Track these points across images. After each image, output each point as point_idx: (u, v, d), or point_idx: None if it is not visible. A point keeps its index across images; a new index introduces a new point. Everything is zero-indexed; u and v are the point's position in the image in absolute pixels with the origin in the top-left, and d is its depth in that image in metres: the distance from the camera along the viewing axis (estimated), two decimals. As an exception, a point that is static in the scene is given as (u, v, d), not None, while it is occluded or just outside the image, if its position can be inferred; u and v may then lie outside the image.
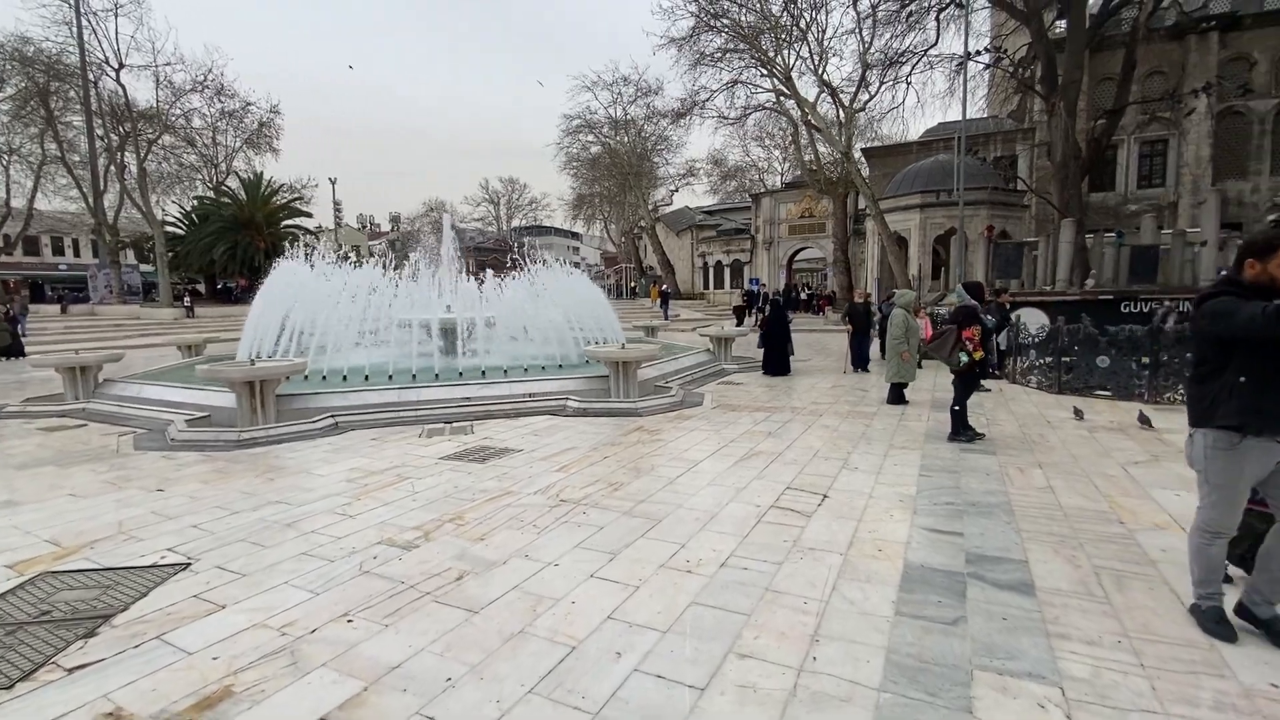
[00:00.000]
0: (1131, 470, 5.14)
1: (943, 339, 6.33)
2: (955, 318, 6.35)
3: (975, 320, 6.19)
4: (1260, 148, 27.80)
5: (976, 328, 6.15)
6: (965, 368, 6.18)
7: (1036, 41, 18.72)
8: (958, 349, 6.17)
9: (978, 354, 6.14)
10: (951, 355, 6.22)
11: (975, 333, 6.13)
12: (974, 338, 6.12)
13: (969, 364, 6.16)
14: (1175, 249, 15.77)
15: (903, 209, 24.81)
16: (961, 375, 6.32)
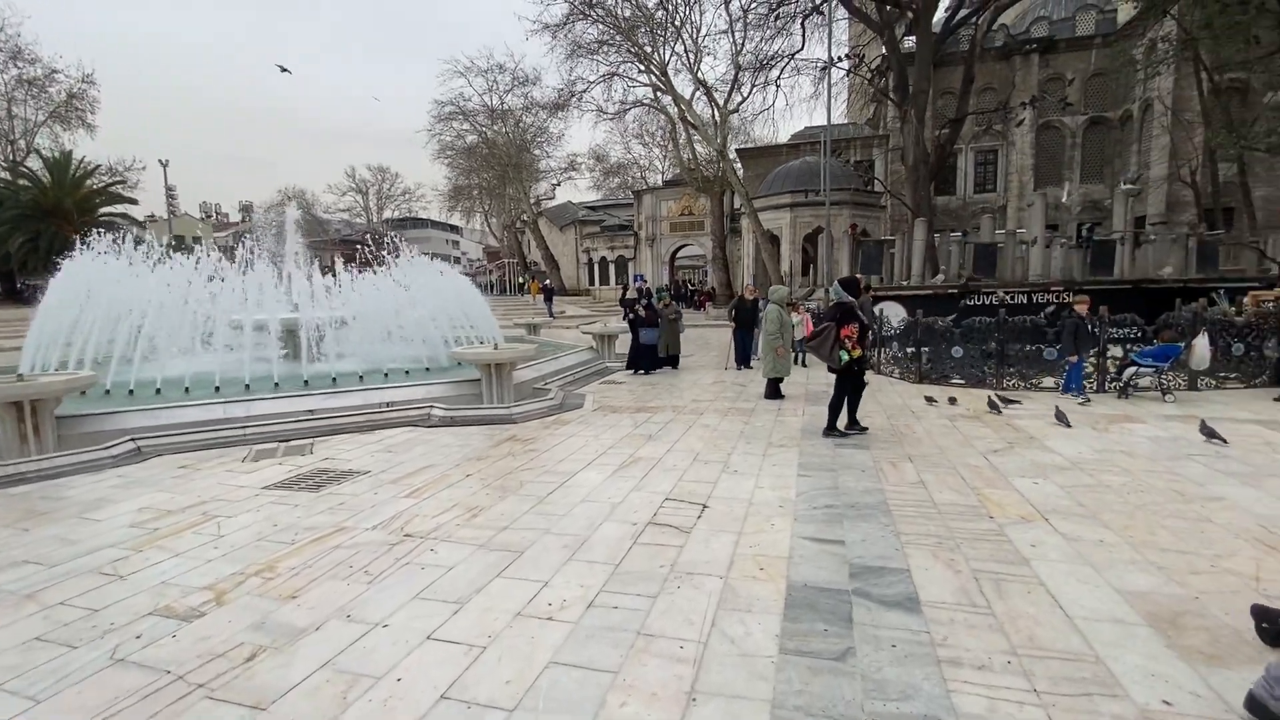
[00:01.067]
0: (992, 459, 5.30)
1: (822, 337, 6.17)
2: (832, 315, 6.24)
3: (852, 317, 6.06)
4: (1072, 158, 31.92)
5: (854, 325, 6.00)
6: (845, 367, 6.07)
7: (889, 52, 20.05)
8: (837, 347, 6.04)
9: (856, 352, 6.01)
10: (832, 354, 6.07)
11: (853, 330, 5.98)
12: (852, 335, 5.97)
13: (848, 363, 6.05)
14: (1009, 247, 17.50)
15: (774, 208, 25.79)
16: (841, 374, 6.20)
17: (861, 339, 6.15)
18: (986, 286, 14.00)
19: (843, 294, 6.23)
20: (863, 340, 6.18)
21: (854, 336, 6.00)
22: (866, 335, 6.21)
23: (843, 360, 6.01)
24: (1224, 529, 3.67)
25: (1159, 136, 28.31)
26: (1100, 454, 5.36)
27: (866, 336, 6.23)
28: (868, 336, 6.27)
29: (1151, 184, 28.80)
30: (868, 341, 6.35)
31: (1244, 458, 5.14)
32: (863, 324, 6.16)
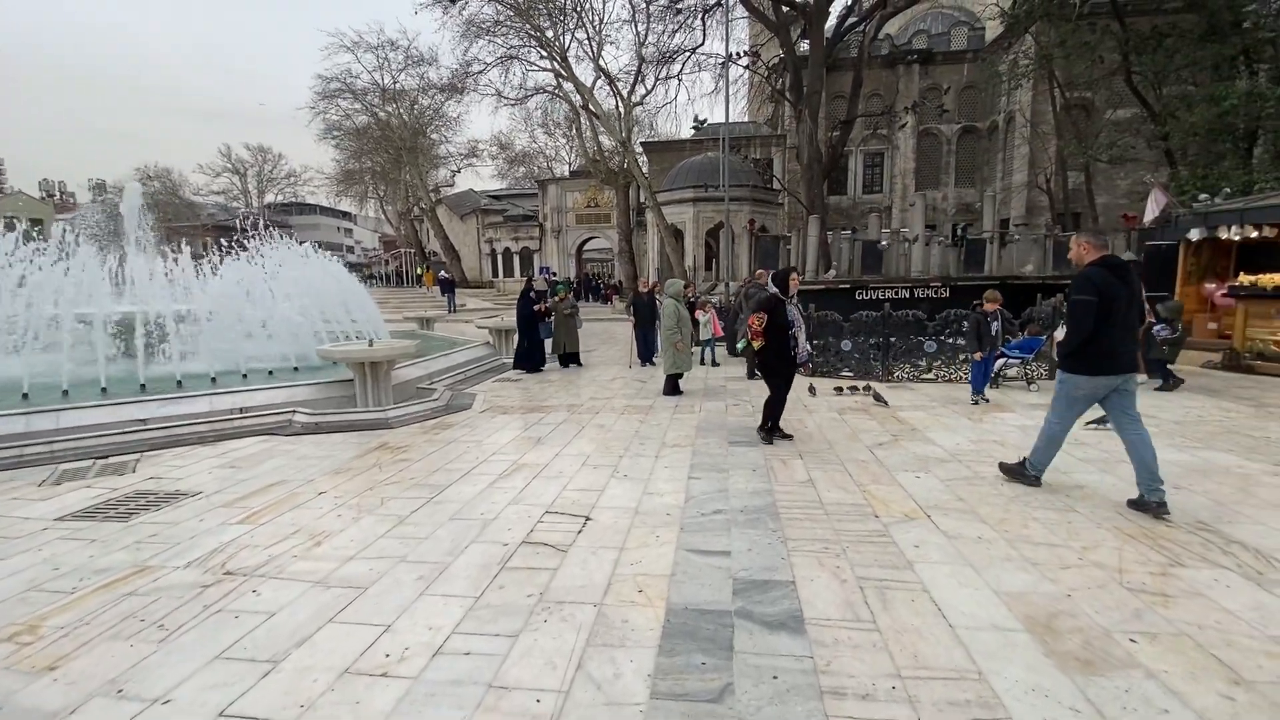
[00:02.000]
0: (878, 453, 5.33)
1: (740, 330, 6.20)
2: (755, 305, 6.04)
3: (762, 308, 5.66)
4: (948, 164, 34.43)
5: (761, 315, 5.59)
6: (745, 353, 6.08)
7: (785, 53, 20.57)
8: (741, 335, 6.06)
9: (756, 342, 5.60)
10: (739, 342, 6.14)
11: (757, 320, 5.58)
12: (755, 325, 5.61)
13: (747, 350, 6.01)
14: (893, 245, 18.46)
15: (678, 202, 25.91)
16: (760, 368, 5.89)
17: (775, 334, 5.54)
18: (874, 282, 14.63)
19: (770, 286, 5.86)
20: (776, 336, 5.54)
21: (756, 326, 5.58)
22: (787, 332, 5.53)
23: (739, 348, 6.08)
24: (1087, 519, 3.78)
25: (1020, 146, 31.12)
26: (976, 445, 5.53)
27: (790, 335, 5.54)
28: (794, 337, 5.53)
29: (1014, 189, 31.63)
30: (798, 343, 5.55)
31: (1097, 444, 5.46)
32: (770, 316, 5.56)
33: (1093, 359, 3.96)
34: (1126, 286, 3.91)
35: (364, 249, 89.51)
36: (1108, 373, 3.96)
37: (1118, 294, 3.85)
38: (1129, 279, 3.97)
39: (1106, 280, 3.87)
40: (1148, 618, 2.65)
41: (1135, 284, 4.03)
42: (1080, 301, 3.91)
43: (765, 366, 5.73)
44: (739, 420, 6.74)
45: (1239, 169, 11.72)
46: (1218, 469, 4.68)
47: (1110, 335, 3.88)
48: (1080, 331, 3.91)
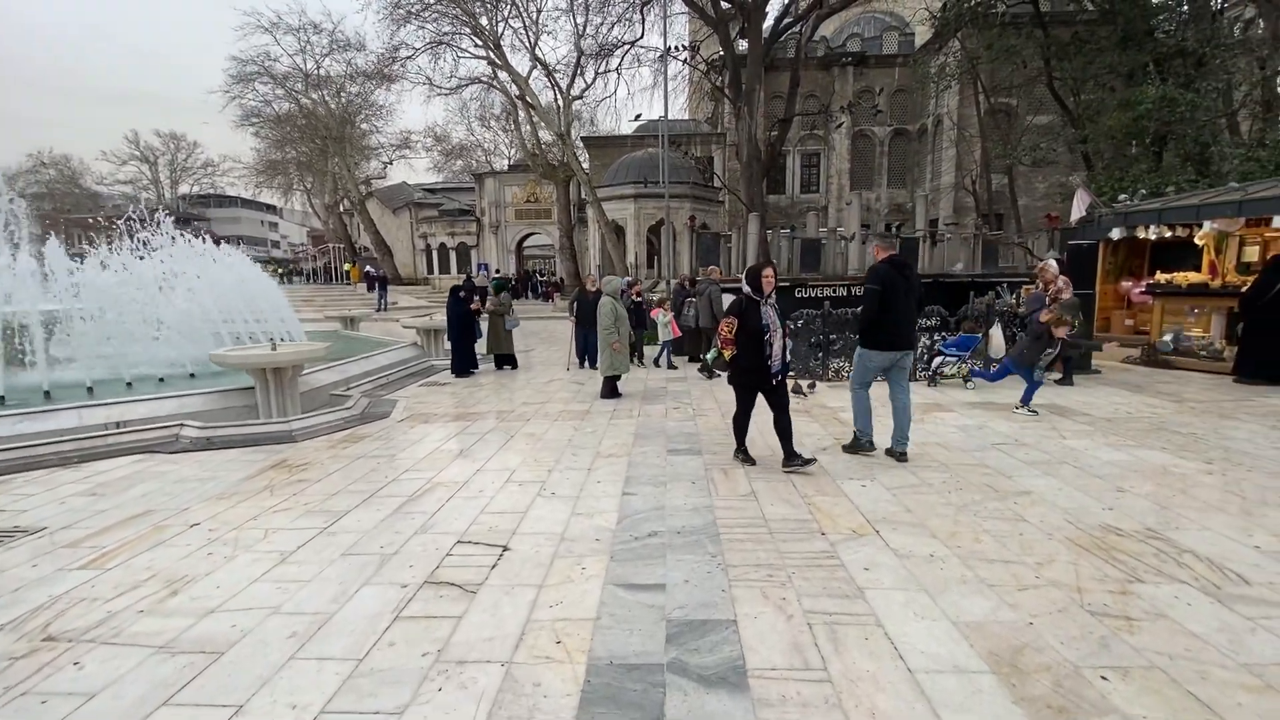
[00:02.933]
0: (821, 458, 5.07)
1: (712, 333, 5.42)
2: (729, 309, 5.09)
3: (735, 311, 4.86)
4: (881, 165, 35.39)
5: (730, 320, 4.82)
6: (717, 364, 5.49)
7: (724, 49, 20.44)
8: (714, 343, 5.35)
9: (727, 351, 4.85)
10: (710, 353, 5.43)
11: (727, 327, 4.82)
12: (723, 331, 4.86)
13: (718, 361, 5.46)
14: (830, 244, 18.65)
15: (619, 198, 25.51)
16: (730, 379, 5.06)
17: (748, 340, 4.71)
18: (813, 280, 14.65)
19: (743, 285, 4.91)
20: (749, 342, 4.69)
21: (726, 333, 4.84)
22: (762, 339, 4.64)
23: (710, 359, 5.39)
24: (1038, 528, 3.60)
25: (948, 149, 32.31)
26: (919, 448, 5.36)
27: (766, 341, 4.63)
28: (769, 343, 4.63)
29: (942, 190, 32.82)
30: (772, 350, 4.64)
31: (1038, 444, 5.40)
32: (746, 322, 4.70)
33: (879, 338, 4.99)
34: (906, 280, 4.90)
35: (291, 244, 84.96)
36: (889, 349, 5.00)
37: (898, 286, 4.85)
38: (909, 275, 4.97)
39: (890, 275, 4.86)
40: (1115, 648, 2.42)
41: (914, 279, 5.05)
42: (869, 290, 4.91)
43: (734, 377, 4.99)
44: (679, 425, 6.38)
45: (1151, 172, 12.32)
46: (1154, 469, 4.65)
47: (893, 319, 4.89)
48: (868, 314, 4.95)
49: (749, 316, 4.69)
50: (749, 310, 4.70)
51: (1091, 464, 4.80)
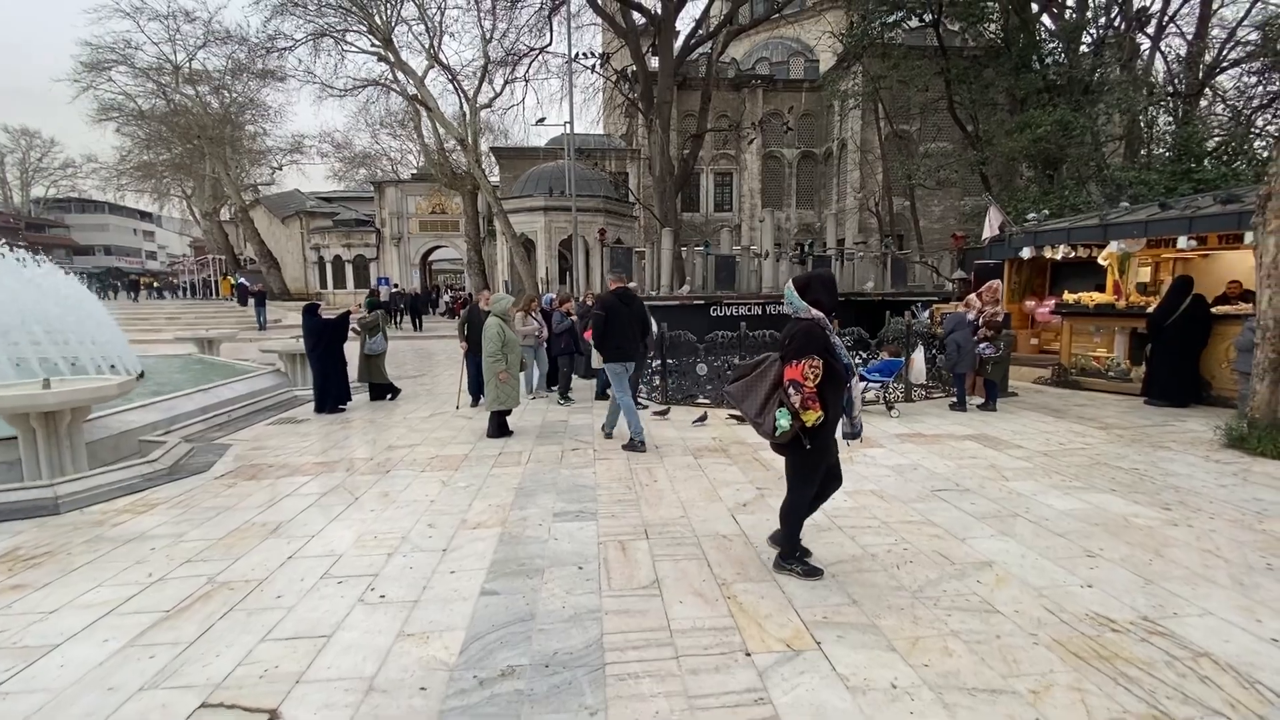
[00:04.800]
0: (743, 521, 4.14)
1: (749, 381, 3.33)
2: (785, 341, 3.16)
3: (815, 346, 3.02)
4: (790, 186, 36.14)
5: (814, 361, 3.00)
6: (787, 437, 3.09)
7: (635, 60, 19.88)
8: (773, 404, 3.14)
9: (811, 416, 3.01)
10: (763, 414, 3.18)
11: (809, 370, 3.00)
12: (808, 378, 3.00)
13: (791, 432, 3.07)
14: (744, 261, 18.29)
15: (528, 210, 24.31)
16: (788, 452, 3.24)
17: (833, 388, 3.10)
18: (728, 298, 14.07)
19: (798, 302, 3.16)
20: (835, 390, 3.12)
21: (812, 381, 3.01)
22: (843, 383, 3.16)
23: (780, 429, 3.06)
24: (1017, 625, 2.79)
25: (851, 171, 33.40)
26: (853, 498, 4.56)
27: (844, 385, 3.17)
28: (847, 384, 3.18)
29: (847, 212, 33.86)
30: (849, 393, 3.21)
31: (981, 489, 4.73)
32: (834, 359, 3.08)
33: (613, 352, 6.13)
34: (628, 308, 6.21)
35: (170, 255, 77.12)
36: (621, 360, 6.17)
37: (620, 312, 6.13)
38: (631, 303, 6.32)
39: (614, 303, 6.15)
40: None
41: (637, 306, 6.43)
42: (595, 315, 6.21)
43: (797, 450, 3.18)
44: (574, 475, 5.29)
45: (1048, 194, 12.66)
46: (1115, 521, 4.04)
47: (620, 337, 6.11)
48: (596, 334, 6.16)
49: (831, 353, 3.07)
50: (816, 338, 3.04)
51: (1046, 515, 4.13)
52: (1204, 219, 7.57)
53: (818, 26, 35.66)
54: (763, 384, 3.24)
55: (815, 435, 3.11)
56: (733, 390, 3.44)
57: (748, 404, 3.30)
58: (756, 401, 3.24)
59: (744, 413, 3.37)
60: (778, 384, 3.14)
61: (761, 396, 3.23)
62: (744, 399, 3.33)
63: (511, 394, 6.65)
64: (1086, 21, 15.03)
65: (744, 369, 3.44)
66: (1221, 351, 7.77)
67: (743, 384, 3.38)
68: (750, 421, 3.32)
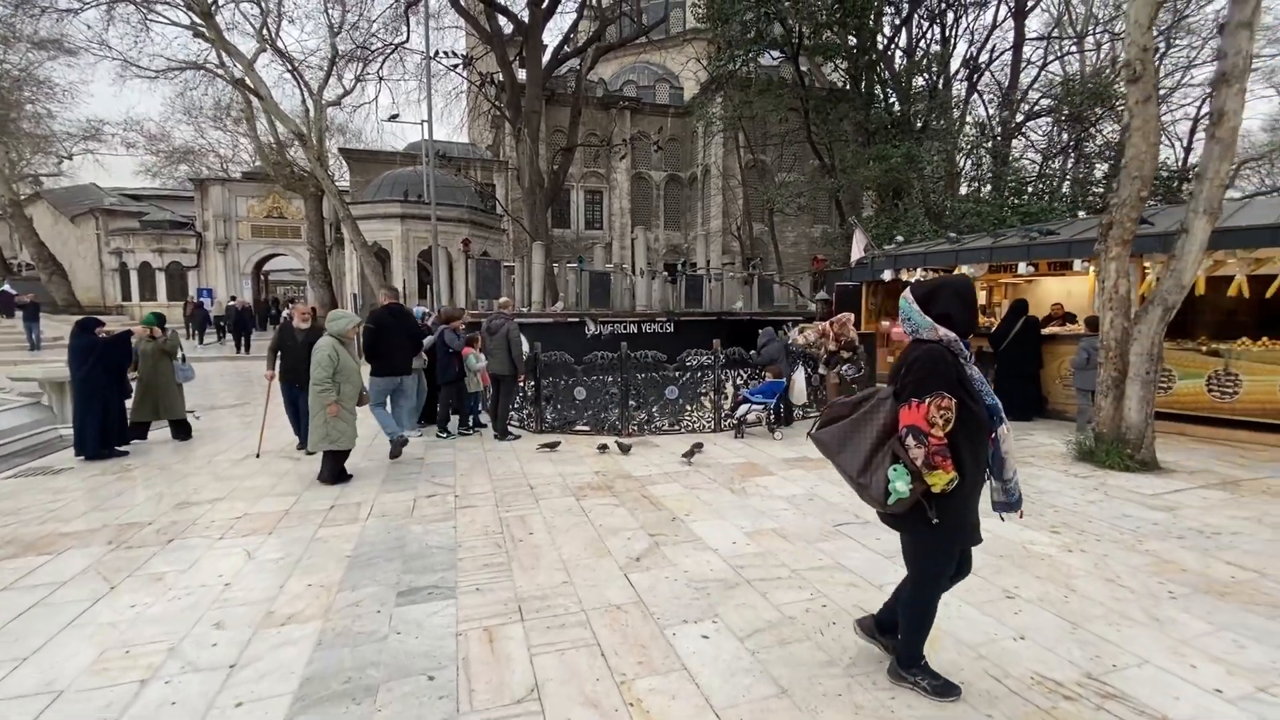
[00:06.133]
0: (637, 581, 3.47)
1: (848, 427, 2.42)
2: (901, 368, 2.32)
3: (943, 377, 2.19)
4: (658, 208, 36.81)
5: (942, 400, 2.14)
6: (904, 505, 2.23)
7: (501, 66, 18.97)
8: (882, 460, 2.28)
9: (939, 475, 2.14)
10: (869, 475, 2.30)
11: (937, 412, 2.14)
12: (931, 426, 2.14)
13: (910, 500, 2.21)
14: (617, 279, 17.93)
15: (381, 217, 22.28)
16: (906, 526, 2.38)
17: (971, 438, 2.25)
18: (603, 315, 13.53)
19: (918, 317, 2.33)
20: (974, 441, 2.26)
21: (941, 428, 2.15)
22: (986, 431, 2.30)
23: (894, 494, 2.21)
24: (968, 705, 2.37)
25: (715, 196, 34.72)
26: (754, 540, 4.08)
27: (988, 433, 2.31)
28: (993, 433, 2.32)
29: (712, 235, 35.11)
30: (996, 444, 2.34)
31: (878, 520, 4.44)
32: (972, 398, 2.24)
33: (382, 365, 6.67)
34: (398, 322, 6.81)
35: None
36: (389, 374, 6.73)
37: (390, 325, 6.74)
38: (400, 318, 6.97)
39: (385, 318, 6.79)
40: None
41: (406, 320, 7.08)
42: (366, 328, 6.57)
43: (920, 524, 2.30)
44: (428, 531, 4.32)
45: (898, 221, 13.64)
46: (1017, 550, 3.90)
47: (388, 350, 6.64)
48: (367, 346, 6.68)
49: (968, 389, 2.23)
50: (946, 368, 2.20)
51: (952, 549, 3.91)
52: (1040, 247, 8.27)
53: (682, 54, 36.96)
54: (867, 430, 2.35)
55: (947, 505, 2.23)
56: (824, 439, 2.48)
57: (846, 457, 2.39)
58: (859, 455, 2.34)
59: (841, 469, 2.43)
60: (890, 431, 2.28)
61: (866, 448, 2.33)
62: (840, 450, 2.41)
63: (346, 431, 5.47)
64: (915, 68, 16.65)
65: (839, 409, 2.50)
66: (1054, 369, 8.49)
67: (838, 429, 2.44)
68: (850, 482, 2.40)
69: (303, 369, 6.16)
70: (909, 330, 2.38)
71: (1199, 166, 5.14)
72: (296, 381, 6.31)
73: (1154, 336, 5.51)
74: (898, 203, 14.73)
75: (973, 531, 2.38)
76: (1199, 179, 5.00)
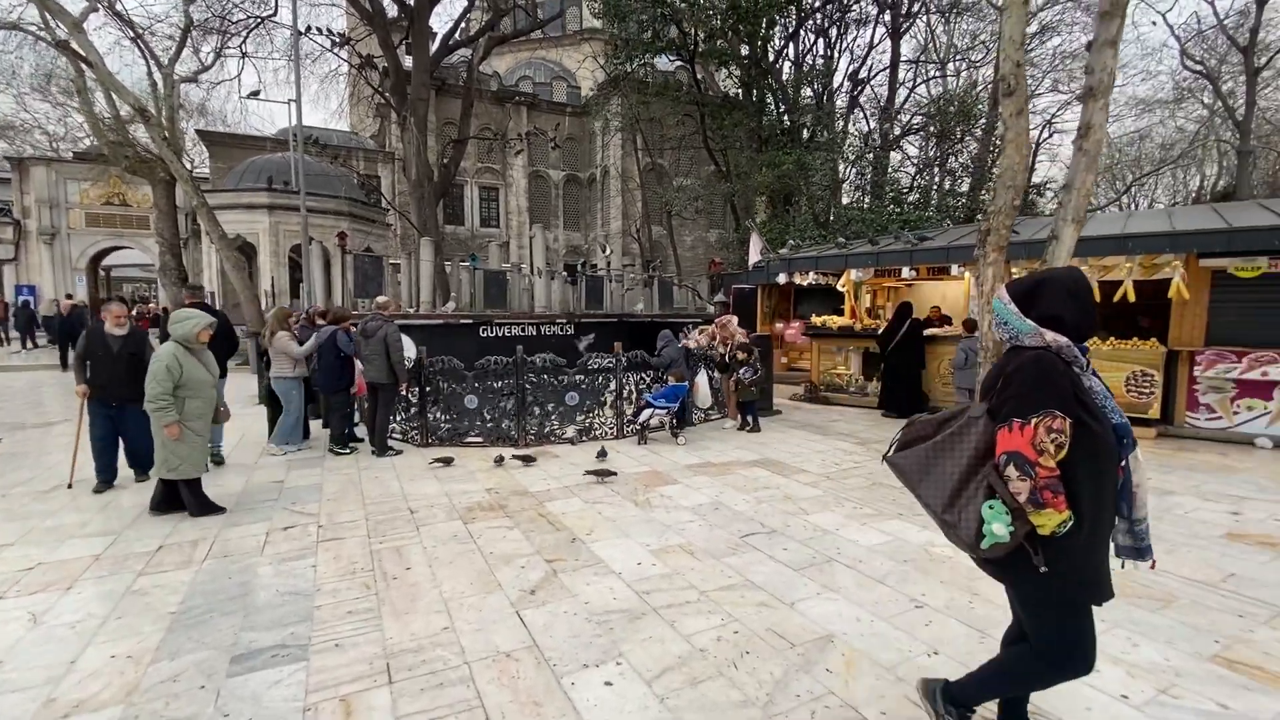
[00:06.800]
0: (530, 620, 3.06)
1: (931, 451, 1.93)
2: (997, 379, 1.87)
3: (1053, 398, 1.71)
4: (557, 207, 36.16)
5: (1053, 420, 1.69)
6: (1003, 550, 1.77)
7: (384, 49, 17.70)
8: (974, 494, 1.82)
9: (1050, 518, 1.67)
10: (956, 511, 1.85)
11: (1047, 436, 1.67)
12: (1039, 454, 1.67)
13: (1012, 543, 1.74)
14: (514, 280, 17.24)
15: (246, 207, 20.12)
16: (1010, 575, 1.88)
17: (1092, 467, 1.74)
18: (499, 317, 12.86)
19: (1016, 320, 1.86)
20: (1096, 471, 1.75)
21: (1052, 456, 1.68)
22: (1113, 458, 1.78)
23: (990, 537, 1.76)
24: (895, 741, 2.19)
25: (614, 198, 34.64)
26: (660, 559, 3.79)
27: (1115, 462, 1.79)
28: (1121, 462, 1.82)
29: (612, 236, 34.98)
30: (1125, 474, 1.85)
31: (786, 529, 4.34)
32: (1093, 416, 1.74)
33: None
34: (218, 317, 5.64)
35: None
36: None
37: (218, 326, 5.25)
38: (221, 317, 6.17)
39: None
40: None
41: (223, 321, 6.22)
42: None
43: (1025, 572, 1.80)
44: (279, 574, 3.65)
45: (788, 228, 14.06)
46: (919, 554, 3.88)
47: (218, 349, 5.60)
48: None
49: (1087, 401, 1.77)
50: (1053, 381, 1.75)
51: (859, 557, 3.83)
52: (922, 253, 8.70)
53: (579, 53, 36.55)
54: (954, 455, 1.87)
55: (1060, 550, 1.73)
56: (902, 464, 2.01)
57: (928, 489, 1.92)
58: (944, 487, 1.87)
59: (923, 502, 1.95)
60: (983, 458, 1.82)
61: (953, 478, 1.86)
62: (921, 480, 1.94)
63: (190, 456, 4.60)
64: (802, 80, 17.37)
65: (921, 428, 2.03)
66: (935, 368, 8.97)
67: (919, 454, 1.96)
68: (935, 519, 1.92)
69: (118, 384, 5.18)
70: (1005, 337, 1.93)
71: (1067, 177, 5.51)
72: (111, 399, 5.24)
73: (1027, 338, 5.84)
74: (788, 209, 15.22)
75: (1102, 586, 1.82)
76: (1067, 189, 5.36)
